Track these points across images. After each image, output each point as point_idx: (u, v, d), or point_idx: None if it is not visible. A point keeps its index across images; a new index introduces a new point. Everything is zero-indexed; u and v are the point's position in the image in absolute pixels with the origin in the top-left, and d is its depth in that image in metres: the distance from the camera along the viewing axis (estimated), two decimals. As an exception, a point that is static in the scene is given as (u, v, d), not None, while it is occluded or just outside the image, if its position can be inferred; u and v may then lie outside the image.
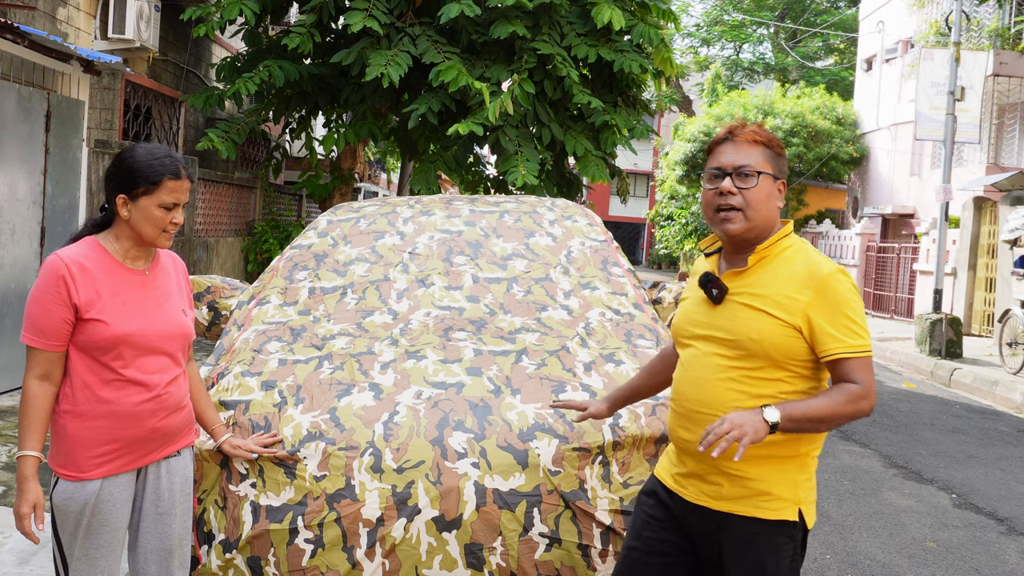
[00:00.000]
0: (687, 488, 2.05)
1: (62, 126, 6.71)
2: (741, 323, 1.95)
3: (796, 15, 30.79)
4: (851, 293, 1.93)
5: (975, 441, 7.02)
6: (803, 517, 1.97)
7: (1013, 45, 15.02)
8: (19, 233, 6.23)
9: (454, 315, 3.10)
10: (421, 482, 2.42)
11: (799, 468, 1.98)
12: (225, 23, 8.38)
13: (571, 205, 3.97)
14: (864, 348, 1.90)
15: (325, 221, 3.75)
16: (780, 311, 1.92)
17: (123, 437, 2.13)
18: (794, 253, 1.99)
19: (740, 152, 2.00)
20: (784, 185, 2.05)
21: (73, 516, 2.11)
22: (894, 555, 4.35)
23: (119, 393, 2.11)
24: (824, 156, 21.15)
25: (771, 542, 1.95)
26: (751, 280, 1.98)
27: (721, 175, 2.01)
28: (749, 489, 1.95)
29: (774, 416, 1.83)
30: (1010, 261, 11.61)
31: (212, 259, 10.26)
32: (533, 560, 2.40)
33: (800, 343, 1.92)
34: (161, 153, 2.15)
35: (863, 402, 1.88)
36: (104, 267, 2.13)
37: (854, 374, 1.89)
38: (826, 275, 1.92)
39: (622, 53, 8.40)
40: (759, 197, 1.98)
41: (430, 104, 8.13)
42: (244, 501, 2.48)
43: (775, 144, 2.03)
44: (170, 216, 2.15)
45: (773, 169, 2.01)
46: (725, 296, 2.00)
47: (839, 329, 1.89)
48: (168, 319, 2.20)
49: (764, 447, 1.92)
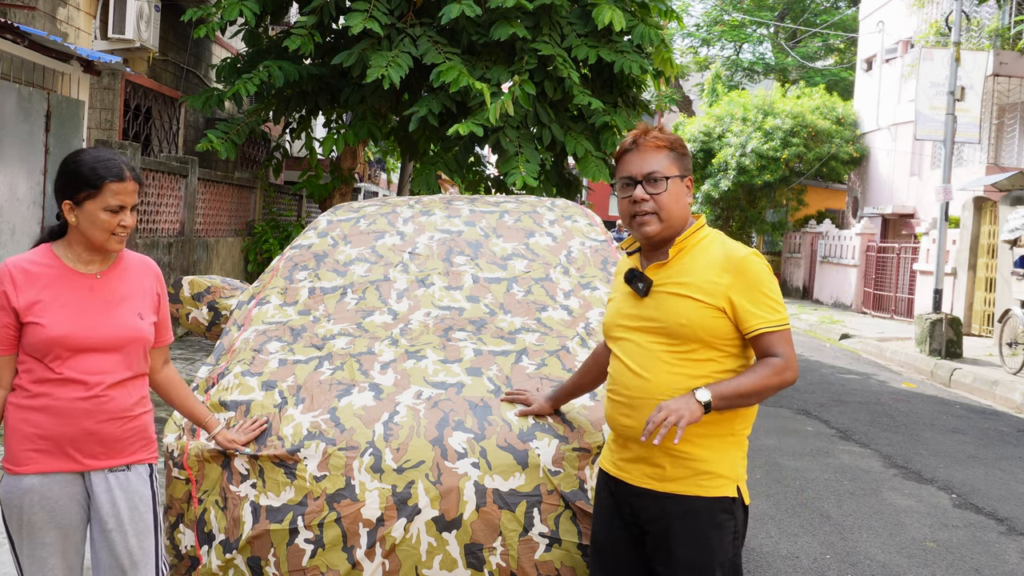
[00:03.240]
0: (631, 472, 2.13)
1: (62, 126, 6.71)
2: (669, 311, 2.07)
3: (796, 15, 30.79)
4: (766, 273, 2.07)
5: (975, 441, 7.02)
6: (741, 494, 2.10)
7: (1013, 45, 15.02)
8: (19, 233, 6.23)
9: (454, 315, 3.10)
10: (421, 482, 2.42)
11: (736, 446, 2.10)
12: (225, 24, 8.38)
13: (571, 205, 3.97)
14: (782, 322, 2.05)
15: (325, 221, 3.75)
16: (703, 295, 2.05)
17: (57, 434, 2.14)
18: (710, 242, 2.13)
19: (646, 159, 2.12)
20: (691, 181, 2.19)
21: (14, 511, 2.15)
22: (894, 555, 4.35)
23: (56, 389, 2.13)
24: (824, 156, 21.16)
25: (713, 519, 2.06)
26: (673, 271, 2.11)
27: (632, 183, 2.13)
28: (691, 469, 2.06)
29: (705, 396, 1.97)
30: (1010, 261, 11.61)
31: (212, 259, 10.26)
32: (533, 560, 2.40)
33: (725, 323, 2.05)
34: (105, 157, 2.16)
35: (787, 373, 2.02)
36: (50, 272, 2.17)
37: (776, 347, 2.03)
38: (742, 258, 2.06)
39: (622, 54, 8.40)
40: (670, 199, 2.11)
41: (430, 106, 8.13)
42: (244, 501, 2.48)
43: (678, 145, 2.15)
44: (117, 219, 2.15)
45: (679, 170, 2.14)
46: (651, 288, 2.12)
47: (759, 306, 2.03)
48: (112, 322, 2.19)
49: (702, 427, 2.03)
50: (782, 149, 21.11)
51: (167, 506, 2.61)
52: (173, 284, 3.66)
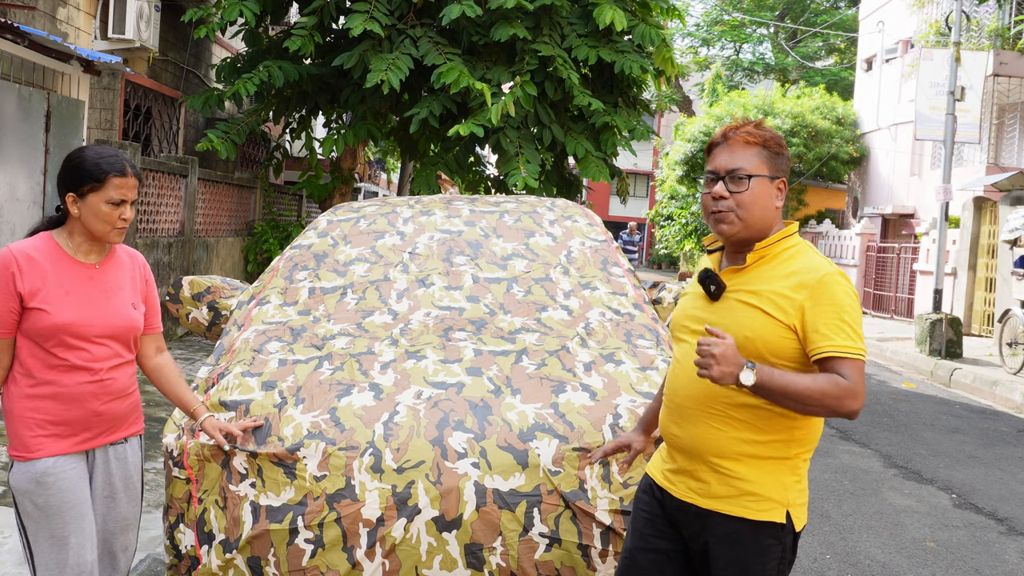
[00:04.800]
0: (676, 485, 2.04)
1: (62, 126, 6.71)
2: (736, 320, 1.94)
3: (796, 15, 30.78)
4: (848, 297, 1.89)
5: (975, 441, 7.02)
6: (791, 519, 1.95)
7: (1013, 45, 15.02)
8: (19, 233, 6.23)
9: (454, 315, 3.10)
10: (421, 482, 2.42)
11: (790, 470, 1.96)
12: (225, 24, 8.38)
13: (571, 205, 3.97)
14: (857, 351, 1.85)
15: (325, 221, 3.75)
16: (775, 310, 1.90)
17: (67, 418, 2.23)
18: (794, 254, 1.98)
19: (734, 155, 1.99)
20: (784, 184, 2.03)
21: (29, 496, 2.20)
22: (894, 555, 4.35)
23: (62, 376, 2.22)
24: (824, 156, 21.15)
25: (757, 543, 1.93)
26: (749, 278, 1.98)
27: (715, 178, 2.00)
28: (736, 488, 1.93)
29: (748, 380, 1.79)
30: (1010, 261, 11.61)
31: (212, 259, 10.26)
32: (533, 560, 2.40)
33: (793, 343, 1.90)
34: (108, 153, 2.27)
35: (849, 400, 1.82)
36: (53, 260, 2.25)
37: (844, 372, 1.84)
38: (823, 276, 1.90)
39: (623, 54, 8.40)
40: (751, 199, 1.96)
41: (431, 107, 8.13)
42: (244, 501, 2.48)
43: (772, 143, 2.00)
44: (118, 212, 2.26)
45: (769, 170, 1.98)
46: (723, 293, 1.99)
47: (831, 328, 1.86)
48: (113, 311, 2.30)
49: (752, 446, 1.92)
50: (782, 149, 21.09)
51: (167, 506, 2.61)
52: (173, 284, 3.67)
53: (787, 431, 1.93)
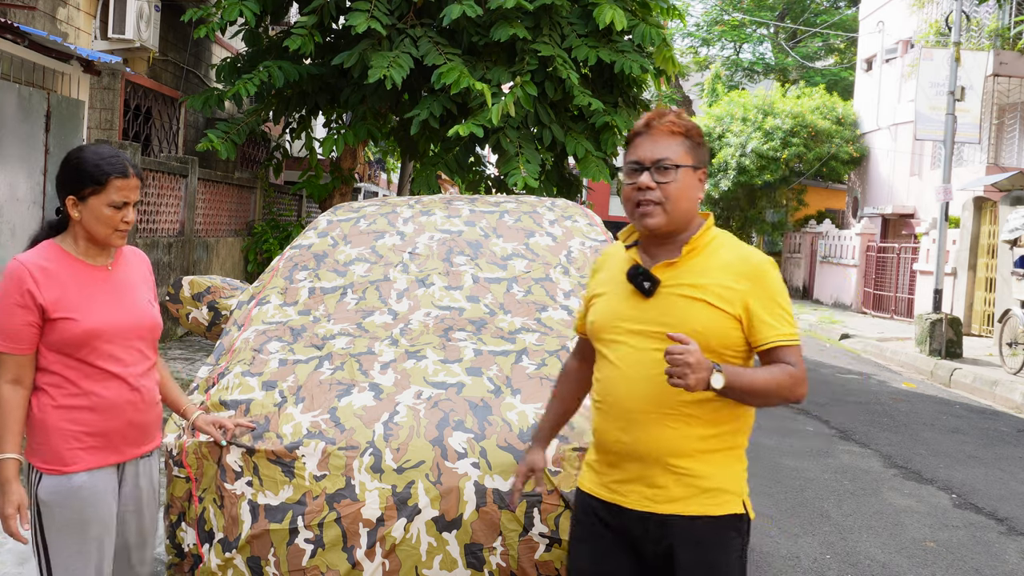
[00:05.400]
0: (628, 496, 1.95)
1: (62, 126, 6.71)
2: (680, 316, 1.90)
3: (796, 15, 30.78)
4: (781, 284, 1.95)
5: (975, 441, 7.02)
6: (746, 508, 1.97)
7: (1013, 45, 15.02)
8: (19, 233, 6.23)
9: (454, 315, 3.10)
10: (421, 482, 2.42)
11: (737, 460, 1.98)
12: (225, 24, 8.38)
13: (571, 205, 3.96)
14: (795, 336, 1.91)
15: (325, 221, 3.75)
16: (721, 301, 1.89)
17: (104, 429, 2.18)
18: (722, 243, 1.99)
19: (658, 144, 1.94)
20: (705, 174, 2.01)
21: (60, 510, 2.14)
22: (894, 555, 4.35)
23: (100, 385, 2.16)
24: (824, 156, 21.15)
25: (720, 539, 1.93)
26: (683, 271, 1.94)
27: (640, 169, 1.95)
28: (696, 487, 1.91)
29: (719, 383, 1.76)
30: (1010, 261, 11.61)
31: (212, 259, 10.26)
32: (533, 560, 2.40)
33: (738, 333, 1.91)
34: (108, 153, 2.18)
35: (801, 387, 1.88)
36: (66, 267, 2.18)
37: (790, 360, 1.88)
38: (760, 264, 1.93)
39: (623, 54, 8.39)
40: (678, 191, 1.93)
41: (431, 108, 8.12)
42: (242, 500, 2.48)
43: (695, 133, 1.97)
44: (120, 215, 2.18)
45: (693, 160, 1.95)
46: (657, 288, 1.94)
47: (774, 318, 1.89)
48: (136, 311, 2.26)
49: (706, 441, 1.91)
50: (782, 149, 21.12)
51: (168, 505, 2.61)
52: (173, 284, 3.67)
53: (735, 420, 1.95)
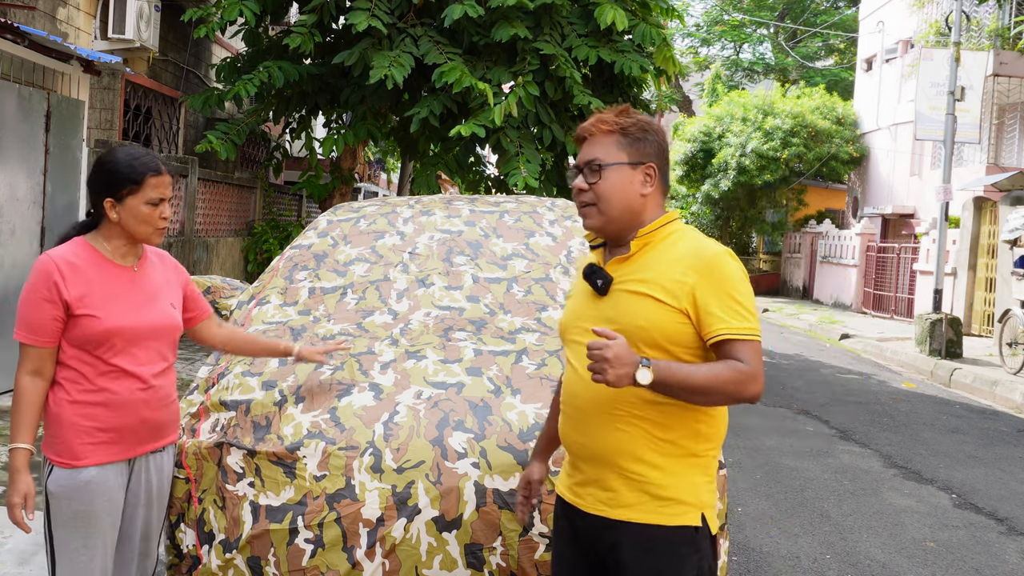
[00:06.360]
0: (584, 498, 1.91)
1: (62, 126, 6.71)
2: (626, 311, 1.84)
3: (796, 15, 30.78)
4: (738, 274, 1.82)
5: (975, 441, 7.02)
6: (706, 522, 1.84)
7: (1013, 45, 15.02)
8: (19, 233, 6.23)
9: (454, 315, 3.10)
10: (421, 482, 2.42)
11: (700, 470, 1.86)
12: (225, 24, 8.38)
13: (571, 205, 3.96)
14: (752, 331, 1.77)
15: (325, 221, 3.75)
16: (665, 295, 1.81)
17: (116, 426, 2.22)
18: (680, 237, 1.90)
19: (592, 146, 1.92)
20: (653, 168, 1.92)
21: (68, 503, 2.18)
22: (894, 555, 4.35)
23: (115, 383, 2.20)
24: (824, 156, 21.16)
25: (672, 551, 1.81)
26: (635, 267, 1.89)
27: (578, 171, 1.94)
28: (647, 494, 1.82)
29: (645, 379, 1.68)
30: (1010, 261, 11.61)
31: (212, 259, 10.27)
32: (533, 560, 2.40)
33: (688, 328, 1.81)
34: (140, 152, 2.25)
35: (751, 384, 1.74)
36: (94, 265, 2.23)
37: (741, 356, 1.75)
38: (711, 255, 1.82)
39: (623, 54, 8.40)
40: (608, 190, 1.88)
41: (431, 107, 8.12)
42: (243, 501, 2.48)
43: (633, 128, 1.90)
44: (158, 211, 2.26)
45: (630, 156, 1.89)
46: (610, 286, 1.89)
47: (724, 311, 1.77)
48: (158, 312, 2.30)
49: (657, 445, 1.82)
50: (782, 149, 21.12)
51: (168, 505, 2.61)
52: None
53: (692, 424, 1.84)
